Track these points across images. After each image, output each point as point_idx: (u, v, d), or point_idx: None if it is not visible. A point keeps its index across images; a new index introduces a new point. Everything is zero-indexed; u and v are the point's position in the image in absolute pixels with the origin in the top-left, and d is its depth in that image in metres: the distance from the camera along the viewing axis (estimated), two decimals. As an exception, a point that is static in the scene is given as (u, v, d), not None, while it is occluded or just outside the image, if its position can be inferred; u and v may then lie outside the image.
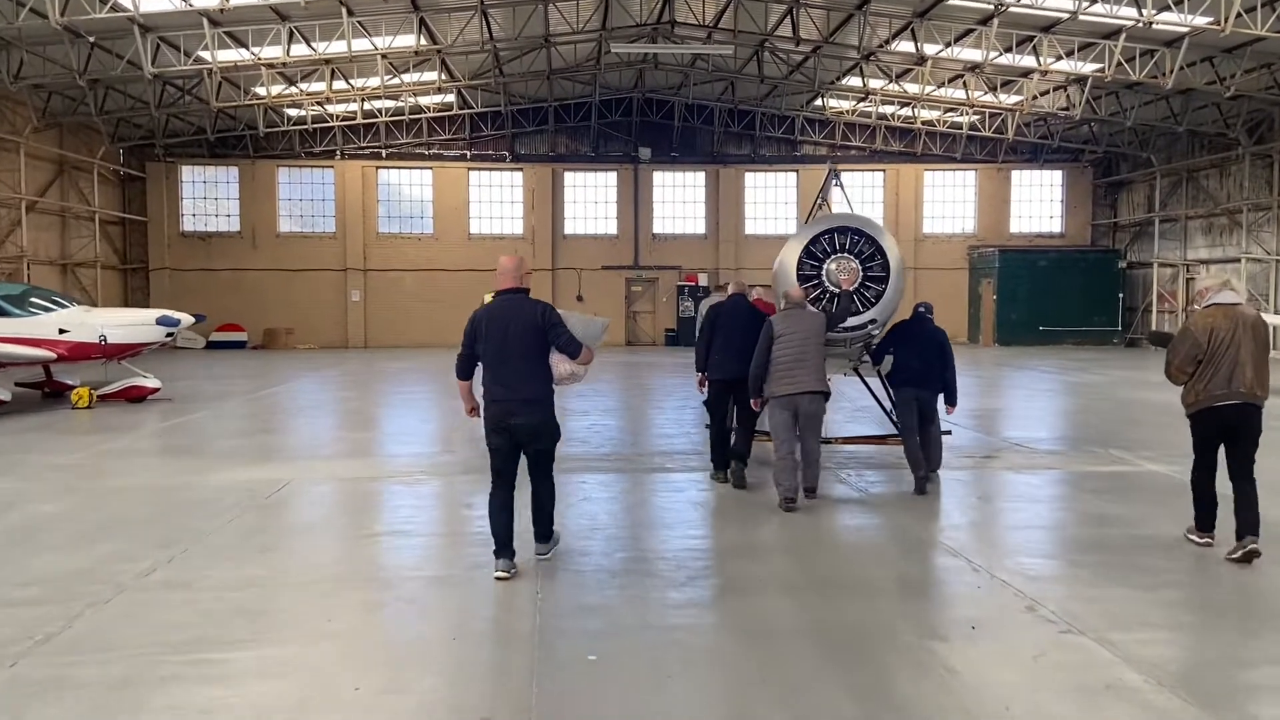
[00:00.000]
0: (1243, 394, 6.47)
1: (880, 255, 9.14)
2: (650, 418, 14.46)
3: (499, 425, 6.21)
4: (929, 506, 8.46)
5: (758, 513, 8.14)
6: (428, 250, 33.94)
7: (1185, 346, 6.57)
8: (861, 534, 7.83)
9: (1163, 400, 15.34)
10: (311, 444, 11.79)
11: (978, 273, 33.92)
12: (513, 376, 6.16)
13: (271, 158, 33.10)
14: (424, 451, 11.28)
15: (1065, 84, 26.15)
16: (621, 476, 9.77)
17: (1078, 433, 12.71)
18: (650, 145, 33.80)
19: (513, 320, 6.16)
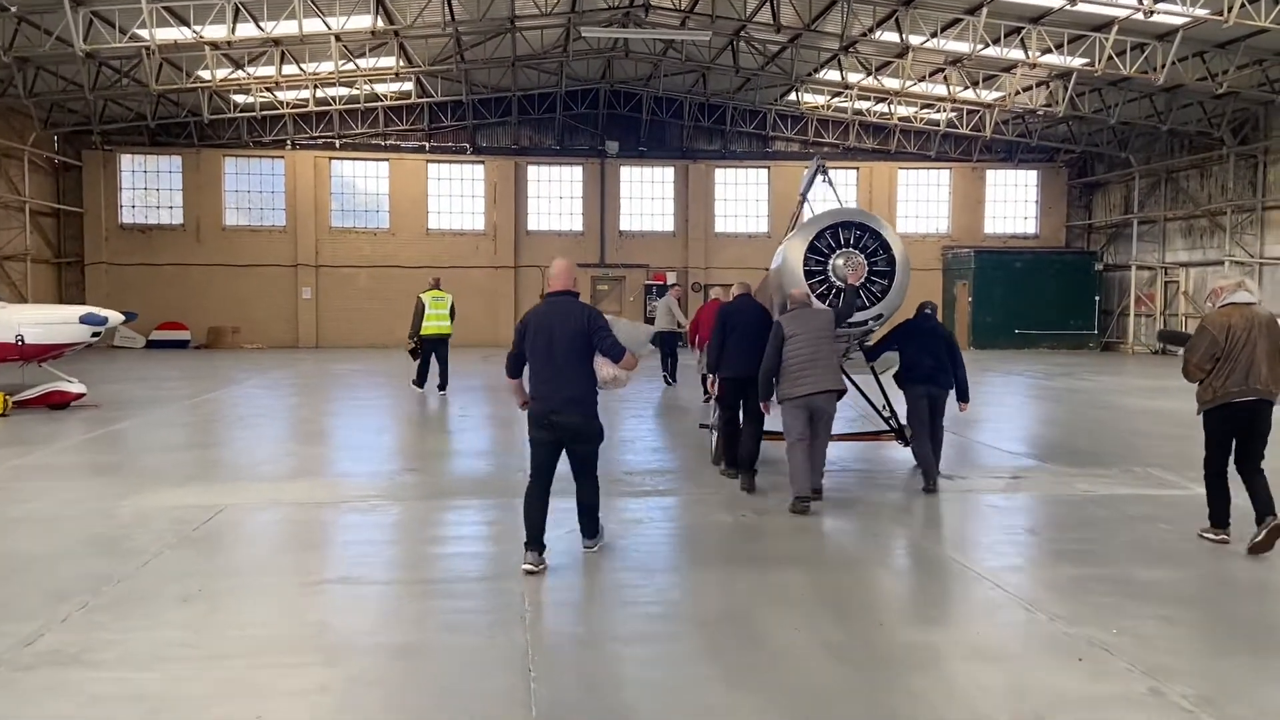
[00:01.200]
0: (1259, 390, 6.68)
1: (885, 250, 8.97)
2: (622, 426, 13.20)
3: (541, 422, 6.39)
4: (970, 534, 7.32)
5: (773, 539, 6.94)
6: (383, 246, 32.37)
7: (1204, 344, 6.73)
8: (899, 580, 6.65)
9: (1167, 409, 14.45)
10: (254, 460, 10.38)
11: (952, 274, 33.11)
12: (556, 376, 6.33)
13: (217, 146, 31.33)
14: (382, 470, 9.94)
15: (1049, 79, 25.33)
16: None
17: (1097, 446, 11.66)
18: (618, 139, 32.52)
19: (559, 322, 6.35)
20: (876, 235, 9.00)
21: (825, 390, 8.05)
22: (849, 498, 8.63)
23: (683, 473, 9.77)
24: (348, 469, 10.00)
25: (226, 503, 8.20)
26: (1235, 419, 6.79)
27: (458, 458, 10.61)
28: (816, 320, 8.22)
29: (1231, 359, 6.67)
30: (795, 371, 8.03)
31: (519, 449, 10.83)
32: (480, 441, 12.00)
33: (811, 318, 8.23)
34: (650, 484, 9.20)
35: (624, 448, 11.12)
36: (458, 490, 8.79)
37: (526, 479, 6.59)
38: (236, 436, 12.22)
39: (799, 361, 8.02)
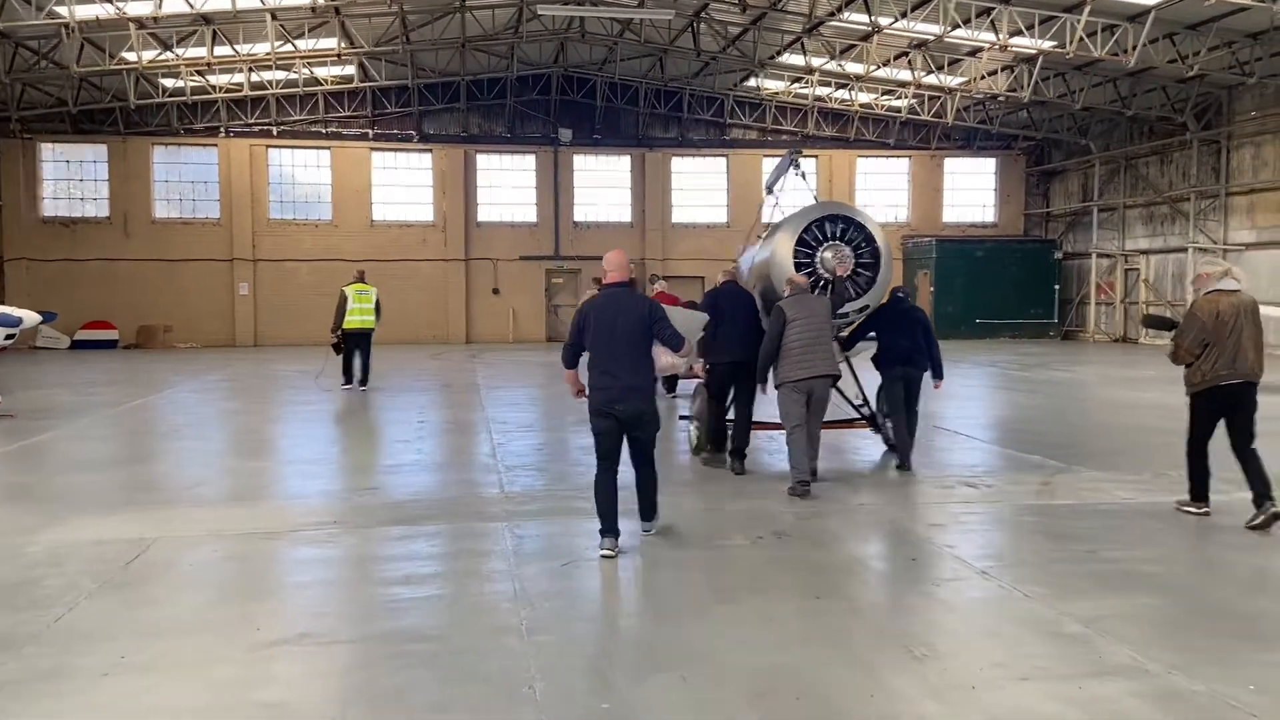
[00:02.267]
0: (1245, 374, 7.00)
1: (869, 242, 9.28)
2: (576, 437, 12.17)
3: (604, 411, 6.48)
4: (1042, 561, 6.42)
5: (802, 567, 5.98)
6: (326, 238, 30.84)
7: (1194, 329, 7.01)
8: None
9: (1166, 403, 13.77)
10: (189, 480, 9.15)
11: (913, 263, 32.57)
12: (617, 366, 6.45)
13: (145, 134, 29.55)
14: (336, 489, 8.79)
15: (1014, 64, 24.76)
16: (564, 526, 7.47)
17: (1114, 446, 10.90)
18: (571, 126, 31.37)
19: (620, 313, 6.48)
20: (861, 228, 9.31)
21: (824, 374, 8.24)
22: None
23: (682, 483, 8.77)
24: (297, 489, 8.81)
25: (157, 535, 7.01)
26: (1223, 400, 7.10)
27: (419, 472, 9.49)
28: (816, 306, 8.43)
29: (1220, 343, 6.95)
30: (796, 355, 8.15)
31: (482, 461, 9.77)
32: (442, 452, 10.89)
33: (811, 304, 8.41)
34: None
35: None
36: (425, 513, 7.70)
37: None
38: (169, 451, 10.93)
39: (800, 346, 8.15)
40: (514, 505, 7.90)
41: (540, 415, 13.83)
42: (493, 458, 10.04)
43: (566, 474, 9.24)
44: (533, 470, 9.40)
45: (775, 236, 9.73)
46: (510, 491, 8.38)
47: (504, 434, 11.62)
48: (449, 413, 13.96)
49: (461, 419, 13.29)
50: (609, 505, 6.44)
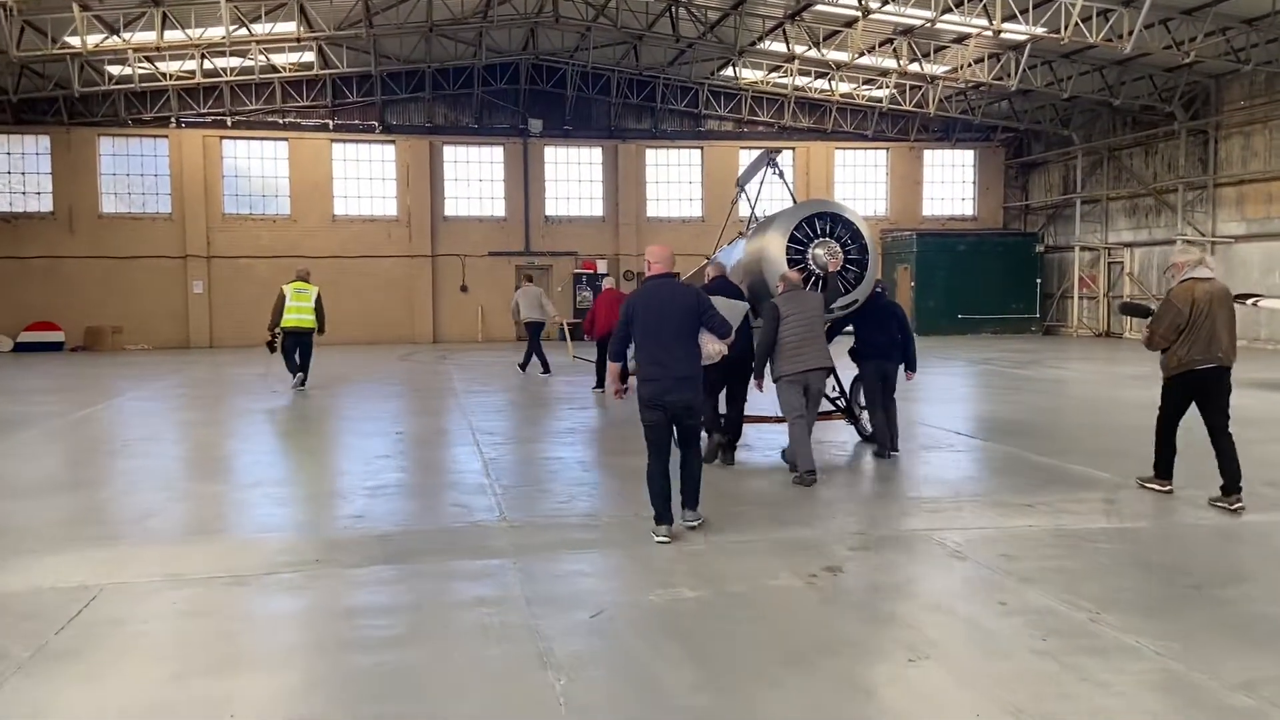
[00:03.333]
0: (1219, 358, 7.24)
1: (856, 238, 9.48)
2: (573, 450, 11.18)
3: (655, 402, 6.52)
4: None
5: (867, 617, 5.03)
6: (284, 234, 29.46)
7: (1169, 316, 7.25)
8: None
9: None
10: (141, 507, 8.00)
11: (892, 258, 31.83)
12: (668, 356, 6.50)
13: (91, 125, 27.98)
14: (312, 517, 7.70)
15: (1001, 51, 24.07)
16: (581, 563, 6.46)
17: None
18: (541, 117, 30.24)
19: (669, 303, 6.56)
20: (848, 225, 9.52)
21: (819, 367, 8.51)
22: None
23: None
24: (268, 518, 7.69)
25: (104, 582, 5.91)
26: (1196, 384, 7.34)
27: (406, 495, 8.42)
28: (810, 302, 8.67)
29: (1195, 329, 7.17)
30: (792, 350, 8.38)
31: (474, 480, 8.72)
32: (427, 469, 9.80)
33: (805, 299, 8.65)
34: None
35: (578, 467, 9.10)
36: (419, 548, 6.66)
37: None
38: (118, 472, 9.73)
39: (795, 340, 8.38)
40: (520, 536, 6.88)
41: (528, 424, 12.77)
42: (485, 476, 8.99)
43: (572, 495, 8.22)
44: (533, 491, 8.37)
45: (766, 234, 9.79)
46: (512, 519, 7.35)
47: (493, 446, 10.57)
48: (428, 421, 12.86)
49: (443, 428, 12.20)
50: (664, 495, 6.58)
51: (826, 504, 7.83)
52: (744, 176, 12.56)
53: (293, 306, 15.68)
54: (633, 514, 7.42)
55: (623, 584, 5.84)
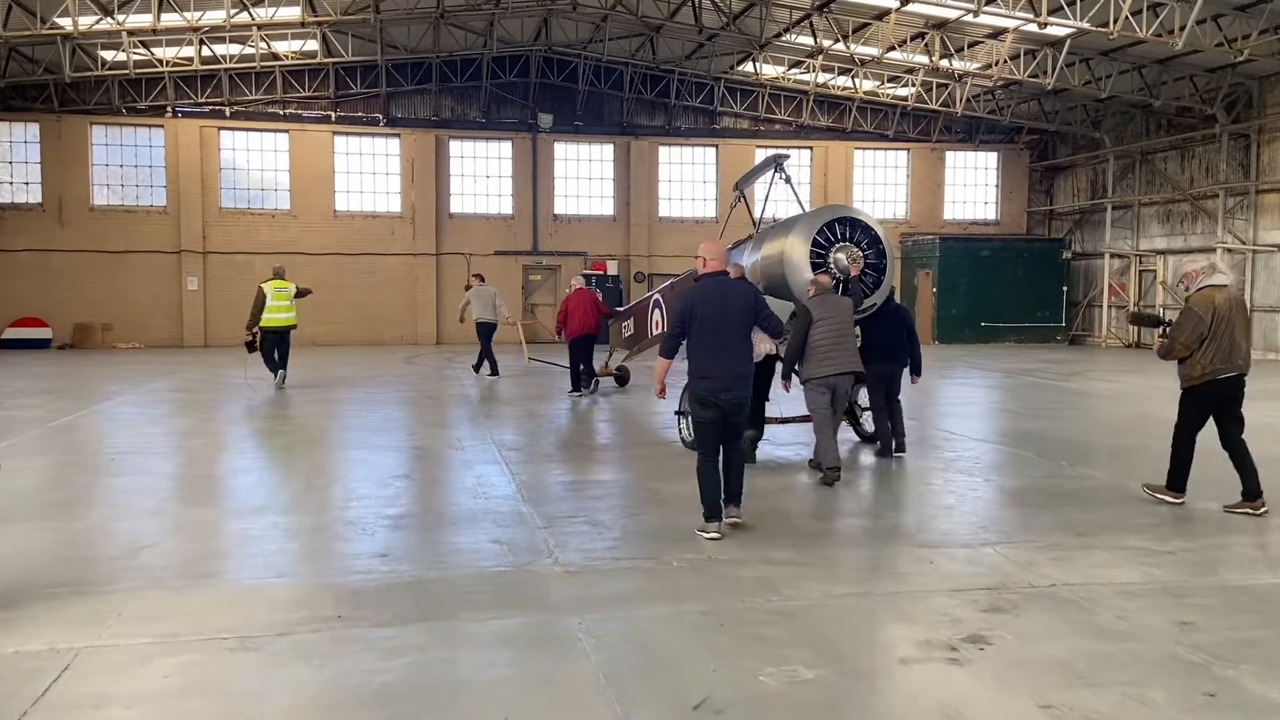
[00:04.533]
0: (1240, 366, 7.17)
1: (875, 243, 9.65)
2: (616, 472, 10.07)
3: (709, 401, 6.55)
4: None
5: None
6: (283, 230, 28.30)
7: (1191, 325, 7.09)
8: None
9: (1268, 423, 12.00)
10: (127, 540, 6.85)
11: (913, 263, 30.78)
12: (725, 354, 6.54)
13: (83, 112, 26.79)
14: (325, 556, 6.57)
15: (1038, 47, 23.00)
16: (665, 625, 5.34)
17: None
18: (551, 112, 29.12)
19: (727, 301, 6.61)
20: (867, 230, 9.67)
21: (848, 371, 8.64)
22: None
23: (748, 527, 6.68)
24: (276, 556, 6.54)
25: (80, 644, 4.80)
26: (1218, 394, 7.24)
27: (434, 526, 7.28)
28: (841, 305, 8.78)
29: (1217, 338, 7.07)
30: (823, 353, 8.50)
31: (510, 508, 7.58)
32: (454, 492, 8.66)
33: (837, 303, 8.75)
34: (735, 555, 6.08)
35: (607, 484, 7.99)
36: (462, 601, 5.54)
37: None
38: (102, 493, 8.57)
39: (826, 344, 8.50)
40: (580, 586, 5.76)
41: (557, 438, 11.63)
42: (521, 502, 7.87)
43: (628, 530, 7.08)
44: (581, 524, 7.24)
45: (786, 237, 9.76)
46: (566, 562, 6.23)
47: (522, 465, 9.45)
48: (445, 433, 11.72)
49: (463, 442, 11.06)
50: (716, 492, 6.62)
51: (905, 536, 6.71)
52: (744, 180, 12.53)
53: (274, 305, 15.55)
54: (706, 557, 6.31)
55: (721, 655, 4.71)
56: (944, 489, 8.55)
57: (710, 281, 6.71)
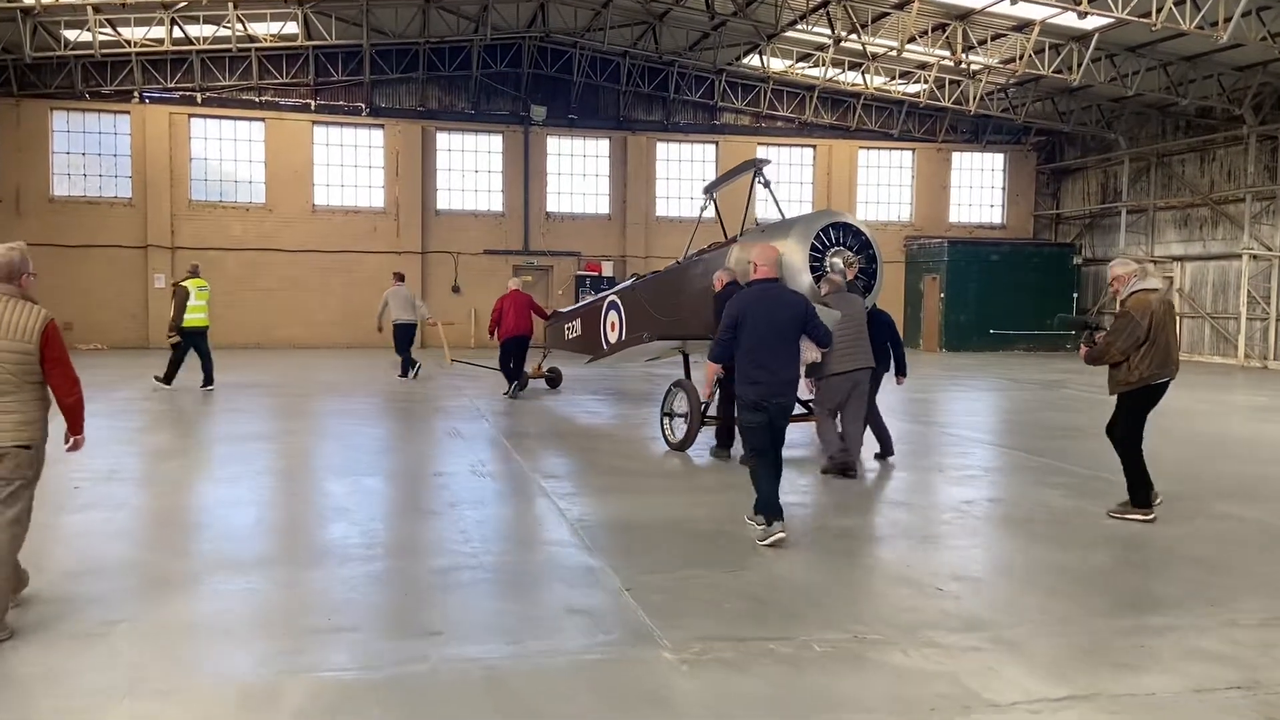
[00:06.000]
0: (1172, 371, 7.13)
1: (866, 248, 9.84)
2: (644, 503, 8.66)
3: (759, 406, 6.57)
4: None
5: None
6: (258, 224, 26.61)
7: (1130, 330, 6.95)
8: None
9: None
10: (91, 609, 5.33)
11: (919, 267, 29.66)
12: (774, 361, 6.56)
13: (43, 96, 24.95)
14: (365, 631, 5.09)
15: (1064, 42, 21.89)
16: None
17: None
18: (544, 104, 27.65)
19: (778, 308, 6.62)
20: (858, 234, 9.88)
21: (867, 366, 8.93)
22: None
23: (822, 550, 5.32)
24: (300, 632, 5.05)
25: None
26: (1152, 398, 7.16)
27: (487, 588, 5.79)
28: (856, 304, 9.02)
29: (1155, 343, 6.93)
30: (843, 349, 8.59)
31: (570, 556, 6.12)
32: (499, 538, 7.15)
33: (852, 301, 8.96)
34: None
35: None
36: (564, 709, 4.11)
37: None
38: (61, 535, 6.98)
39: (848, 340, 8.67)
40: (708, 682, 4.34)
41: (603, 463, 10.13)
42: (587, 552, 6.44)
43: (735, 591, 5.66)
44: (674, 583, 5.78)
45: (783, 242, 9.67)
46: (676, 642, 4.80)
47: (570, 500, 8.00)
48: (467, 457, 10.25)
49: (490, 467, 9.60)
50: (775, 491, 6.60)
51: (1083, 627, 5.38)
52: (714, 184, 12.41)
53: (196, 305, 15.19)
54: (851, 635, 4.93)
55: None
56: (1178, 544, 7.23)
57: (761, 288, 6.72)
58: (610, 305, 13.70)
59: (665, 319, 11.74)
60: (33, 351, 4.70)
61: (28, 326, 4.67)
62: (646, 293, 12.83)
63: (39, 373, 4.76)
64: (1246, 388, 19.20)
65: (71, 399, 4.89)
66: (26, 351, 4.68)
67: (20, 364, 4.67)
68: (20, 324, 4.67)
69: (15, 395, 4.68)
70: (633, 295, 13.24)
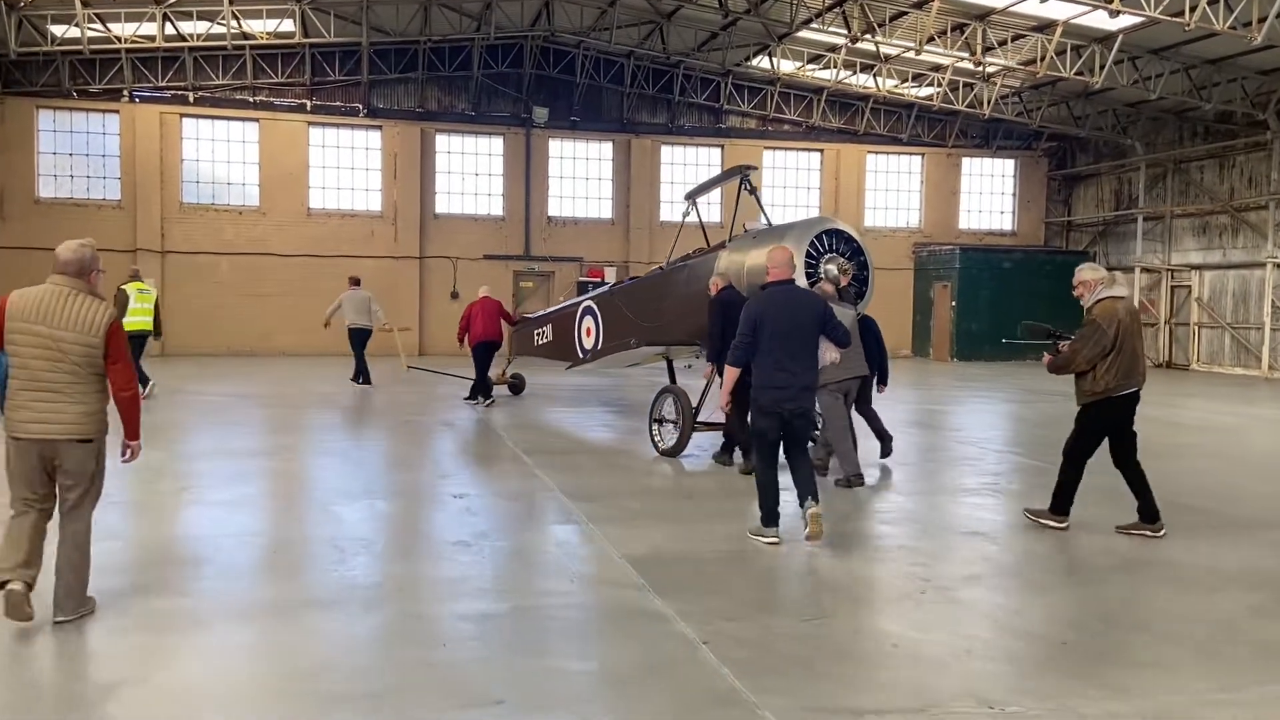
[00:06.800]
0: (1138, 382, 6.91)
1: (858, 254, 9.89)
2: (701, 532, 7.89)
3: (772, 410, 6.55)
4: None
5: None
6: (252, 228, 25.79)
7: (1096, 338, 6.71)
8: None
9: None
10: (60, 649, 4.54)
11: (928, 274, 29.02)
12: (794, 364, 6.51)
13: (28, 94, 24.09)
14: (309, 670, 4.29)
15: (1085, 43, 21.28)
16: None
17: None
18: (546, 106, 26.92)
19: (797, 310, 6.62)
20: (850, 241, 9.87)
21: (859, 375, 9.16)
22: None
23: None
24: (303, 705, 4.23)
25: None
26: (1116, 411, 6.91)
27: (548, 635, 5.05)
28: (848, 315, 8.75)
29: (1121, 352, 6.74)
30: None
31: (635, 601, 5.32)
32: (543, 575, 6.38)
33: (844, 313, 8.51)
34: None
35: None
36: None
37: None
38: (43, 572, 6.19)
39: None
40: None
41: (634, 483, 9.33)
42: (642, 588, 5.66)
43: (820, 640, 4.90)
44: (745, 627, 5.03)
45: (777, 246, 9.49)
46: (771, 715, 4.04)
47: (607, 524, 7.21)
48: (487, 477, 9.43)
49: (511, 486, 8.82)
50: (776, 499, 6.63)
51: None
52: (697, 190, 12.45)
53: (136, 309, 14.63)
54: (987, 707, 4.16)
55: None
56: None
57: (779, 290, 6.67)
58: (586, 311, 13.58)
59: (649, 325, 11.71)
60: (98, 346, 4.83)
61: (95, 321, 4.82)
62: (627, 299, 12.71)
63: (101, 367, 4.88)
64: (1275, 400, 18.57)
65: (128, 393, 4.99)
66: (93, 345, 4.82)
67: (85, 357, 4.81)
68: (88, 319, 4.81)
69: (80, 387, 4.83)
70: (610, 301, 13.15)
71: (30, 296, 4.83)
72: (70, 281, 4.86)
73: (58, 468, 4.85)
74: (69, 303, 4.80)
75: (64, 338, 4.75)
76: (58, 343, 4.75)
